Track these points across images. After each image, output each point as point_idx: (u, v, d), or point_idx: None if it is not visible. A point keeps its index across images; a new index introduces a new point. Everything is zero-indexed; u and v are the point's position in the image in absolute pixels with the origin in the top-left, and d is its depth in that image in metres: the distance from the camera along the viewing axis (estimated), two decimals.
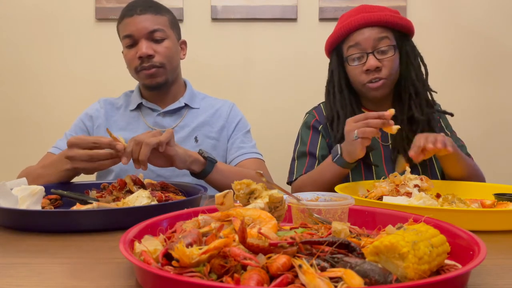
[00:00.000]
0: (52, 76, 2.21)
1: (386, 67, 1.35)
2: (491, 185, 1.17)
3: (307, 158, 1.43)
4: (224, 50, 2.18)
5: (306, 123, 1.51)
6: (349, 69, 1.39)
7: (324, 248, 0.51)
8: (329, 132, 1.45)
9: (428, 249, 0.49)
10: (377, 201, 0.96)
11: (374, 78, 1.34)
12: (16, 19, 2.19)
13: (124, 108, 1.52)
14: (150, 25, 1.38)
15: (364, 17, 1.34)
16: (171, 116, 1.49)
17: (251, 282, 0.44)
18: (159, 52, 1.39)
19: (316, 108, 1.55)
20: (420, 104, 1.39)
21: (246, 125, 1.56)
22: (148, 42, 1.38)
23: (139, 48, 1.37)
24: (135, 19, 1.38)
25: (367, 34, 1.34)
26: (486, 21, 2.16)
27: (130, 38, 1.39)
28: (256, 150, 1.50)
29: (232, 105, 1.58)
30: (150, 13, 1.39)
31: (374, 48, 1.34)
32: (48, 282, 0.57)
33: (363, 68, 1.35)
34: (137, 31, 1.37)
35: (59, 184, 1.18)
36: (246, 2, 2.14)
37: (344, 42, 1.39)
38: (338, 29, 1.40)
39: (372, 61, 1.33)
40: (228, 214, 0.62)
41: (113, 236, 0.78)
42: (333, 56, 1.46)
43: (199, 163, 1.19)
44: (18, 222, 0.84)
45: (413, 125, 1.40)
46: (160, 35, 1.39)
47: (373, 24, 1.34)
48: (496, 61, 2.17)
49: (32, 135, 2.20)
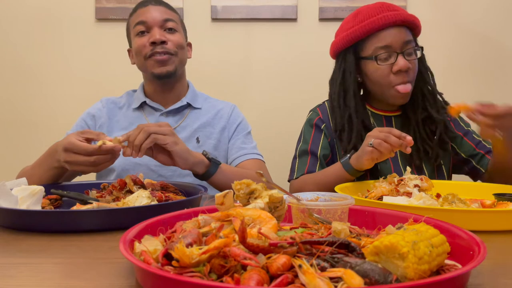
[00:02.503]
0: (52, 76, 2.21)
1: (412, 69, 1.33)
2: (491, 185, 1.16)
3: (308, 157, 1.42)
4: (224, 50, 2.18)
5: (309, 120, 1.49)
6: (374, 68, 1.33)
7: (324, 248, 0.51)
8: (332, 131, 1.42)
9: (428, 249, 0.49)
10: (377, 201, 0.96)
11: (404, 80, 1.31)
12: (16, 19, 2.19)
13: (126, 107, 1.52)
14: (164, 14, 1.42)
15: (394, 16, 1.30)
16: (174, 116, 1.49)
17: (251, 282, 0.44)
18: (171, 40, 1.42)
19: (320, 106, 1.52)
20: (436, 103, 1.38)
21: (247, 126, 1.56)
22: (161, 30, 1.41)
23: (152, 35, 1.39)
24: (150, 8, 1.42)
25: (396, 34, 1.31)
26: (486, 21, 2.16)
27: (143, 25, 1.41)
28: (257, 151, 1.50)
29: (234, 107, 1.58)
30: (164, 6, 1.45)
31: (402, 49, 1.31)
32: (48, 282, 0.57)
33: (393, 68, 1.30)
34: (152, 18, 1.40)
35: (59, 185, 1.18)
36: (246, 2, 2.14)
37: (367, 40, 1.34)
38: (362, 27, 1.33)
39: (403, 62, 1.29)
40: (228, 214, 0.62)
41: (113, 236, 0.78)
42: (348, 55, 1.38)
43: (203, 164, 1.19)
44: (18, 222, 0.84)
45: (430, 125, 1.39)
46: (173, 25, 1.43)
47: (403, 23, 1.32)
48: (495, 60, 2.17)
49: (32, 135, 2.20)
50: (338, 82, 1.41)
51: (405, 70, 1.30)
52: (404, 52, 1.31)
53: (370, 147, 1.11)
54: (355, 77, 1.38)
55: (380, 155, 1.11)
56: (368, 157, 1.12)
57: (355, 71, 1.38)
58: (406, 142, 1.08)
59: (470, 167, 1.42)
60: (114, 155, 1.07)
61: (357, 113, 1.36)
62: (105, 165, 1.08)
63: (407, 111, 1.42)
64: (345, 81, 1.39)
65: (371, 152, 1.11)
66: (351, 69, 1.37)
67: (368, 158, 1.13)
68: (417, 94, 1.39)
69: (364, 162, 1.15)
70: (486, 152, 1.38)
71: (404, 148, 1.09)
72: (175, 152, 1.11)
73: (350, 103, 1.37)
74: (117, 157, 1.08)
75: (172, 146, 1.10)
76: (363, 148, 1.15)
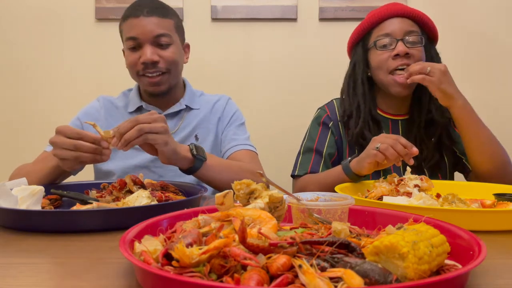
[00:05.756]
0: (52, 76, 2.21)
1: (415, 56, 1.34)
2: (491, 185, 1.16)
3: (313, 155, 1.42)
4: (224, 50, 2.18)
5: (317, 118, 1.49)
6: (376, 55, 1.37)
7: (324, 248, 0.51)
8: (339, 129, 1.44)
9: (428, 249, 0.49)
10: (377, 201, 0.96)
11: (402, 64, 1.32)
12: (16, 19, 2.19)
13: (123, 108, 1.50)
14: (156, 29, 1.34)
15: (396, 8, 1.36)
16: (172, 119, 1.47)
17: (251, 282, 0.44)
18: (164, 57, 1.36)
19: (328, 104, 1.52)
20: (440, 107, 1.38)
21: (240, 118, 1.54)
22: (153, 48, 1.35)
23: (144, 53, 1.34)
24: (141, 21, 1.34)
25: (398, 23, 1.35)
26: (486, 21, 2.16)
27: (134, 41, 1.35)
28: (249, 142, 1.48)
29: (228, 99, 1.57)
30: (156, 16, 1.35)
31: (404, 37, 1.34)
32: (48, 282, 0.57)
33: (392, 53, 1.33)
34: (143, 34, 1.34)
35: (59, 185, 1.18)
36: (246, 2, 2.14)
37: (372, 32, 1.39)
38: (368, 19, 1.40)
39: (401, 47, 1.32)
40: (228, 214, 0.62)
41: (113, 236, 0.78)
42: (358, 47, 1.44)
43: (187, 160, 1.16)
44: (18, 222, 0.84)
45: (430, 128, 1.39)
46: (165, 40, 1.36)
47: (405, 15, 1.35)
48: (496, 60, 2.17)
49: (31, 135, 2.20)
50: (348, 74, 1.47)
51: (403, 55, 1.32)
52: (404, 39, 1.33)
53: (375, 150, 1.10)
54: (363, 68, 1.42)
55: (383, 161, 1.10)
56: (371, 160, 1.11)
57: (364, 64, 1.42)
58: (411, 152, 1.09)
59: (460, 164, 1.43)
60: (95, 149, 1.03)
61: (365, 101, 1.40)
62: (85, 157, 1.03)
63: (414, 113, 1.42)
64: (355, 73, 1.44)
65: (375, 156, 1.10)
66: (360, 61, 1.43)
67: (371, 161, 1.12)
68: (424, 95, 1.40)
69: (365, 165, 1.13)
70: None
71: (408, 159, 1.09)
72: (162, 151, 1.09)
73: (358, 90, 1.42)
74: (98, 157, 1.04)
75: (161, 146, 1.07)
76: (367, 151, 1.14)
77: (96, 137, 1.03)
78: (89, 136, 1.03)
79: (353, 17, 2.10)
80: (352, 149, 1.43)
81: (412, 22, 1.36)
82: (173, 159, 1.13)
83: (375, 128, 1.40)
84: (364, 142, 1.35)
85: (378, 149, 1.10)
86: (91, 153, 1.03)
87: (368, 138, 1.32)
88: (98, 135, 1.04)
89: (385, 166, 1.13)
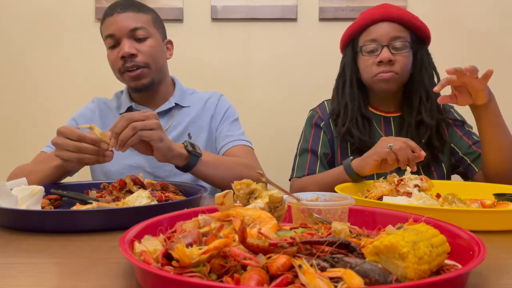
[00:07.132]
0: (51, 76, 2.20)
1: (399, 62, 1.36)
2: (491, 185, 1.16)
3: (308, 156, 1.44)
4: (224, 50, 2.18)
5: (309, 119, 1.52)
6: (362, 60, 1.40)
7: (324, 248, 0.51)
8: (331, 129, 1.46)
9: (428, 249, 0.49)
10: (377, 201, 0.96)
11: (385, 70, 1.35)
12: (16, 19, 2.19)
13: (116, 110, 1.50)
14: (131, 23, 1.35)
15: (384, 12, 1.37)
16: (163, 118, 1.46)
17: (251, 282, 0.44)
18: (142, 51, 1.36)
19: (319, 105, 1.56)
20: (430, 109, 1.39)
21: (233, 113, 1.54)
22: (130, 41, 1.35)
23: (121, 48, 1.34)
24: (116, 18, 1.35)
25: (384, 29, 1.36)
26: (486, 21, 2.16)
27: (112, 38, 1.36)
28: (244, 137, 1.47)
29: (220, 95, 1.56)
30: (131, 11, 1.36)
31: (389, 42, 1.35)
32: (48, 282, 0.57)
33: (376, 60, 1.36)
34: (118, 29, 1.34)
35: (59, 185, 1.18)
36: (246, 2, 2.14)
37: (361, 35, 1.41)
38: (356, 22, 1.42)
39: (385, 53, 1.34)
40: (228, 214, 0.62)
41: (113, 236, 0.78)
42: (347, 50, 1.47)
43: (182, 157, 1.15)
44: (18, 222, 0.84)
45: (420, 129, 1.40)
46: (142, 33, 1.36)
47: (392, 19, 1.36)
48: (496, 60, 2.16)
49: (31, 135, 2.20)
50: (338, 74, 1.50)
51: (387, 62, 1.34)
52: (390, 45, 1.35)
53: (388, 148, 1.10)
54: (352, 69, 1.45)
55: (392, 161, 1.10)
56: (378, 157, 1.12)
57: (354, 65, 1.45)
58: (419, 155, 1.10)
59: (464, 165, 1.42)
60: (98, 151, 1.04)
61: (353, 101, 1.42)
62: (89, 159, 1.04)
63: (405, 112, 1.44)
64: (344, 74, 1.47)
65: (387, 154, 1.10)
66: (349, 62, 1.45)
67: (378, 159, 1.12)
68: (414, 96, 1.41)
69: (370, 162, 1.13)
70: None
71: (414, 164, 1.10)
72: (157, 147, 1.09)
73: (346, 91, 1.44)
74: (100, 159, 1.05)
75: (156, 142, 1.07)
76: (376, 149, 1.14)
77: (95, 139, 1.04)
78: (90, 138, 1.03)
79: (353, 17, 2.07)
80: (343, 148, 1.44)
81: (400, 27, 1.37)
82: (169, 156, 1.12)
83: (366, 125, 1.42)
84: (351, 139, 1.40)
85: (390, 148, 1.10)
86: (94, 155, 1.04)
87: (356, 136, 1.35)
88: (97, 137, 1.04)
89: (386, 169, 1.14)
